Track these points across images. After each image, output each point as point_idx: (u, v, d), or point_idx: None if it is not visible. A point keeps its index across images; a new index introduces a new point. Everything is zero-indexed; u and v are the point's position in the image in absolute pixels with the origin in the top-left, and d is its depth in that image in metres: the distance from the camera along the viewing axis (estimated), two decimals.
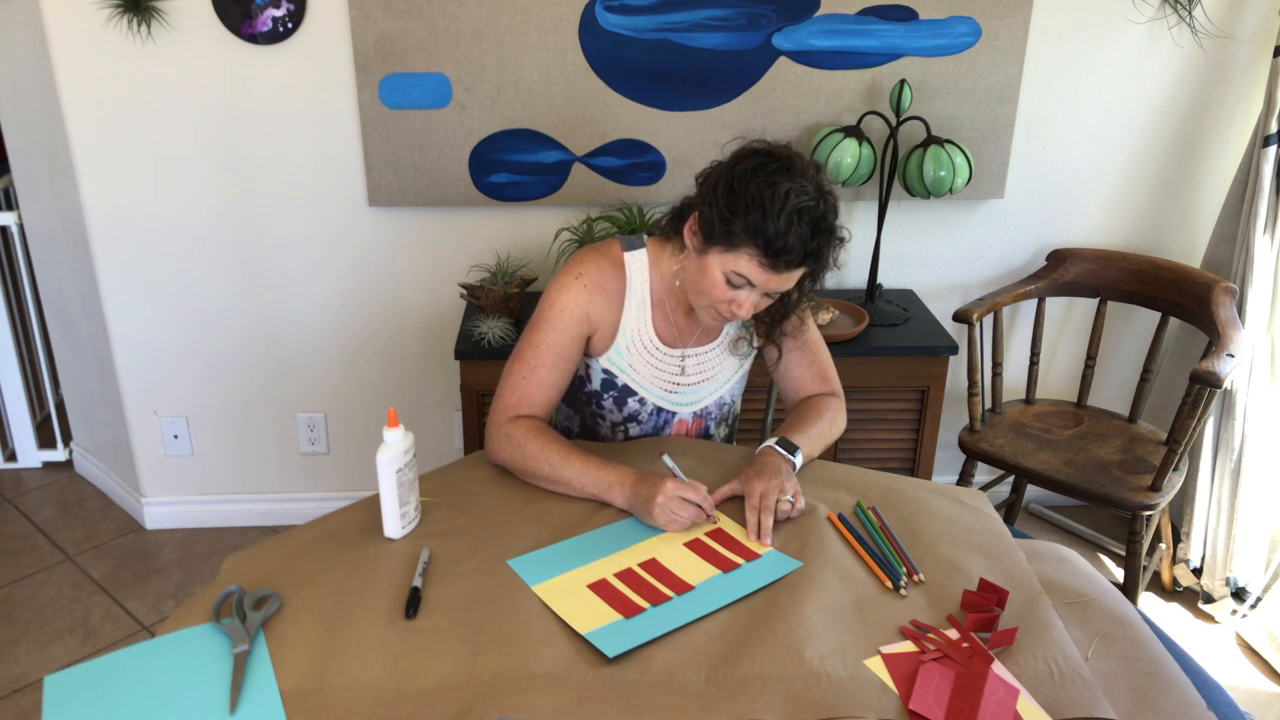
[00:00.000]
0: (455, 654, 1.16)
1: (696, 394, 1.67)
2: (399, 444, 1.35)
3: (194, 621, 1.21)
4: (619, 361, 1.61)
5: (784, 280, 1.43)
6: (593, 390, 1.66)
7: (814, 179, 1.42)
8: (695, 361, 1.65)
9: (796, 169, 1.41)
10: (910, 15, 2.29)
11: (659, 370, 1.63)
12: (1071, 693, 1.11)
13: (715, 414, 1.72)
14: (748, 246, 1.39)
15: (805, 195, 1.38)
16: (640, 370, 1.62)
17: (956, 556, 1.35)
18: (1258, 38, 2.36)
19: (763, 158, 1.42)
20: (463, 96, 2.31)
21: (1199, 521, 2.46)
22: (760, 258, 1.40)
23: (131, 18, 2.22)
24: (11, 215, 2.77)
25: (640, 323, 1.60)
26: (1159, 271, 2.38)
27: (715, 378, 1.67)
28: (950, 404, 2.72)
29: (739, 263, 1.41)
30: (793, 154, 1.44)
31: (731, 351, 1.68)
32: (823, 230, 1.40)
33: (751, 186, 1.39)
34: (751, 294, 1.45)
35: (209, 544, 2.70)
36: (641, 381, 1.63)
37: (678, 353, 1.63)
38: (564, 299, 1.54)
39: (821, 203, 1.41)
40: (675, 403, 1.66)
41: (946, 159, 2.23)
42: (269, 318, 2.56)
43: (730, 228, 1.40)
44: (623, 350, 1.60)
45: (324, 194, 2.43)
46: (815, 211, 1.39)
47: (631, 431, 1.68)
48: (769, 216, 1.37)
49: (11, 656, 2.27)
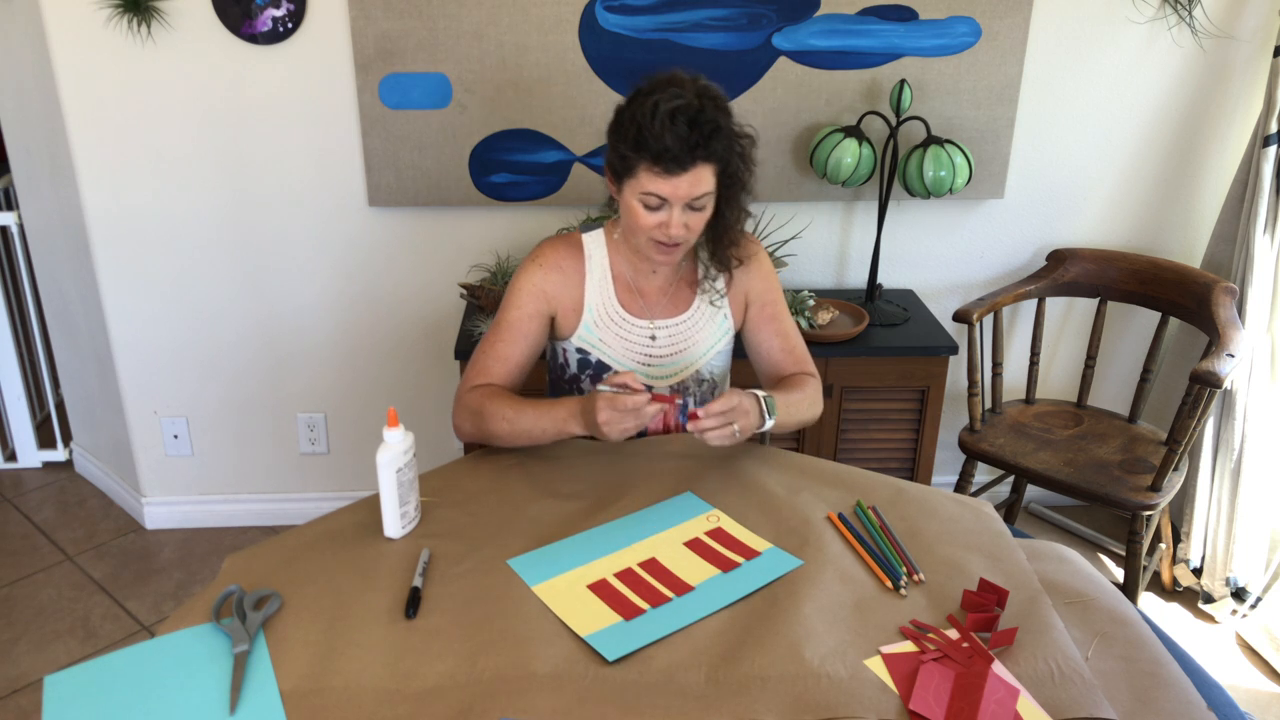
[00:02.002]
0: (455, 654, 1.16)
1: (672, 366, 1.68)
2: (399, 444, 1.35)
3: (194, 621, 1.21)
4: (589, 338, 1.65)
5: (691, 184, 1.47)
6: (571, 374, 1.70)
7: (693, 87, 1.47)
8: (667, 333, 1.67)
9: (672, 83, 1.47)
10: (910, 15, 2.29)
11: (629, 342, 1.66)
12: (1071, 693, 1.11)
13: (696, 390, 1.72)
14: (640, 163, 1.46)
15: (678, 99, 1.44)
16: (611, 344, 1.66)
17: (956, 556, 1.35)
18: (1258, 38, 2.36)
19: (639, 85, 1.51)
20: (463, 96, 2.31)
21: (1199, 521, 2.46)
22: (653, 167, 1.46)
23: (131, 18, 2.22)
24: (11, 215, 2.77)
25: (604, 296, 1.65)
26: (1159, 271, 2.38)
27: (690, 349, 1.69)
28: (950, 404, 2.72)
29: (642, 183, 1.48)
30: (673, 74, 1.50)
31: (711, 305, 1.69)
32: (703, 124, 1.44)
33: (628, 112, 1.48)
34: (672, 211, 1.49)
35: (209, 544, 2.70)
36: (614, 355, 1.66)
37: (646, 323, 1.66)
38: (520, 281, 1.64)
39: (698, 101, 1.45)
40: (650, 375, 1.68)
41: (946, 159, 2.23)
42: (269, 317, 2.56)
43: (623, 155, 1.48)
44: (591, 326, 1.65)
45: (324, 194, 2.43)
46: (690, 109, 1.44)
47: None
48: (645, 128, 1.44)
49: (11, 656, 2.27)
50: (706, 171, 1.48)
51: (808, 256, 2.56)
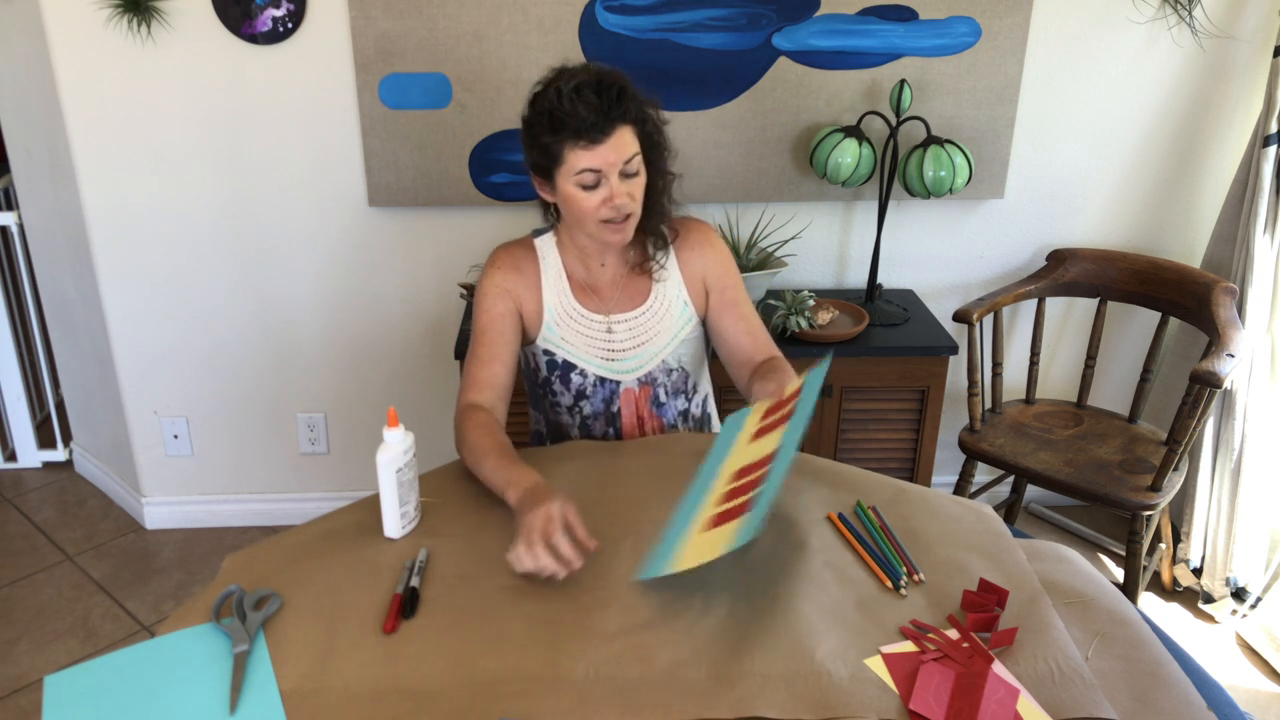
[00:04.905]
0: (455, 654, 1.16)
1: (635, 359, 1.69)
2: (399, 444, 1.35)
3: (194, 621, 1.21)
4: (552, 337, 1.67)
5: (617, 148, 1.49)
6: (544, 377, 1.71)
7: (586, 67, 1.52)
8: (625, 326, 1.68)
9: (565, 70, 1.52)
10: (910, 15, 2.29)
11: (589, 337, 1.67)
12: (1071, 693, 1.11)
13: (665, 381, 1.72)
14: (564, 145, 1.49)
15: (577, 76, 1.49)
16: (573, 341, 1.67)
17: (957, 556, 1.35)
18: (1258, 38, 2.36)
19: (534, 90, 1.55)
20: (463, 96, 2.31)
21: (1199, 521, 2.46)
22: (576, 143, 1.48)
23: (131, 18, 2.22)
24: (11, 215, 2.77)
25: (560, 294, 1.67)
26: (1159, 271, 2.38)
27: (652, 341, 1.69)
28: (950, 404, 2.72)
29: (571, 164, 1.50)
30: (563, 66, 1.54)
31: (653, 278, 1.70)
32: (608, 88, 1.48)
33: (534, 111, 1.53)
34: (610, 182, 1.51)
35: (209, 544, 2.70)
36: (576, 352, 1.67)
37: (601, 318, 1.67)
38: (483, 286, 1.65)
39: (597, 74, 1.50)
40: (615, 370, 1.68)
41: (946, 159, 2.22)
42: (269, 317, 2.56)
43: (545, 147, 1.51)
44: (553, 325, 1.66)
45: (324, 194, 2.43)
46: (591, 81, 1.48)
47: (585, 411, 1.70)
48: (556, 110, 1.47)
49: (11, 656, 2.27)
50: (627, 133, 1.51)
51: (808, 256, 2.56)
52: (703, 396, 1.81)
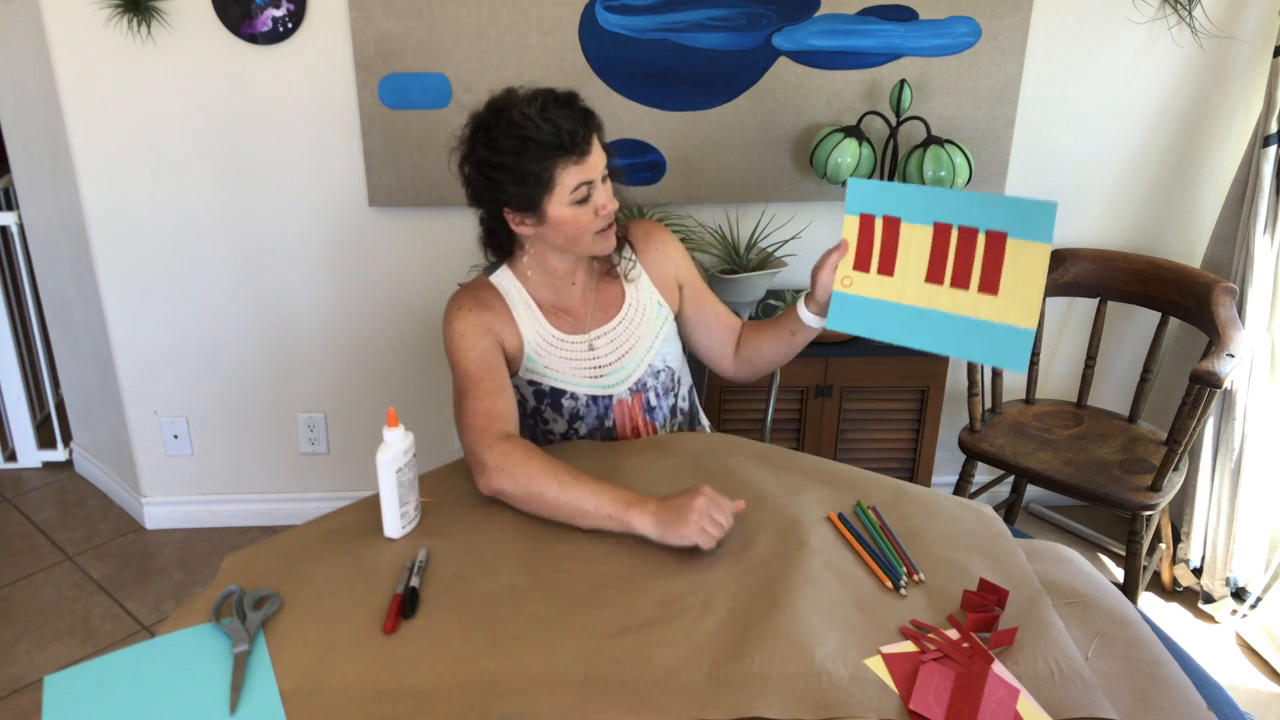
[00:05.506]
0: (455, 654, 1.16)
1: (622, 371, 1.68)
2: (399, 444, 1.35)
3: (194, 621, 1.21)
4: (535, 367, 1.64)
5: (597, 154, 1.50)
6: (533, 407, 1.68)
7: (531, 91, 1.51)
8: (605, 340, 1.67)
9: (509, 97, 1.51)
10: (910, 15, 2.29)
11: (573, 361, 1.65)
12: (1071, 693, 1.11)
13: (654, 384, 1.71)
14: (555, 167, 1.46)
15: (534, 98, 1.47)
16: (557, 367, 1.65)
17: (957, 556, 1.35)
18: (1258, 38, 2.36)
19: (471, 132, 1.52)
20: (463, 96, 2.31)
21: (1199, 521, 2.46)
22: (568, 160, 1.46)
23: (131, 18, 2.22)
24: (11, 215, 2.77)
25: (535, 324, 1.63)
26: (1159, 271, 2.38)
27: (635, 349, 1.69)
28: (950, 404, 2.72)
29: (565, 182, 1.48)
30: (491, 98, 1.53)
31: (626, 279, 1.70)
32: (568, 100, 1.49)
33: (503, 145, 1.47)
34: (597, 190, 1.51)
35: (209, 544, 2.70)
36: (563, 377, 1.65)
37: (581, 338, 1.66)
38: (458, 328, 1.57)
39: (545, 91, 1.50)
40: (604, 386, 1.67)
41: (946, 159, 2.22)
42: (269, 317, 2.56)
43: (536, 176, 1.46)
44: (534, 356, 1.63)
45: (324, 194, 2.43)
46: (547, 97, 1.48)
47: (581, 432, 1.69)
48: (536, 136, 1.44)
49: (11, 656, 2.27)
50: (595, 140, 1.51)
51: (808, 256, 2.56)
52: (686, 389, 1.82)
